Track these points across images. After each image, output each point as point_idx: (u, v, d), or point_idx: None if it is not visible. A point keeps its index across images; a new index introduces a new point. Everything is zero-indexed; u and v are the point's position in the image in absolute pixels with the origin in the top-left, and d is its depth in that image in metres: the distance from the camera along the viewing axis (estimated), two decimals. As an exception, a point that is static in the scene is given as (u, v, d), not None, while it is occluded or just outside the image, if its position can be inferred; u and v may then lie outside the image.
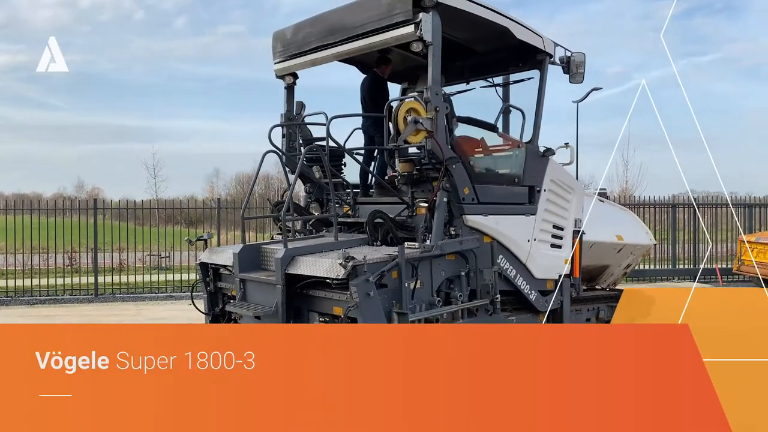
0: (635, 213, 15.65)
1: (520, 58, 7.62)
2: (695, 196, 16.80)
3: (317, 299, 5.62)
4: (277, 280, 5.49)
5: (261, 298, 5.79)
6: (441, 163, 5.94)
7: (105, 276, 13.19)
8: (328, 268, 5.30)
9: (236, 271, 5.95)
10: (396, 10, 5.97)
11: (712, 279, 14.53)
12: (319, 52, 6.82)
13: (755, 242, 13.15)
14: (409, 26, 5.83)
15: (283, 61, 7.27)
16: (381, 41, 6.27)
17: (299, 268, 5.50)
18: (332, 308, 5.47)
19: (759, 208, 15.33)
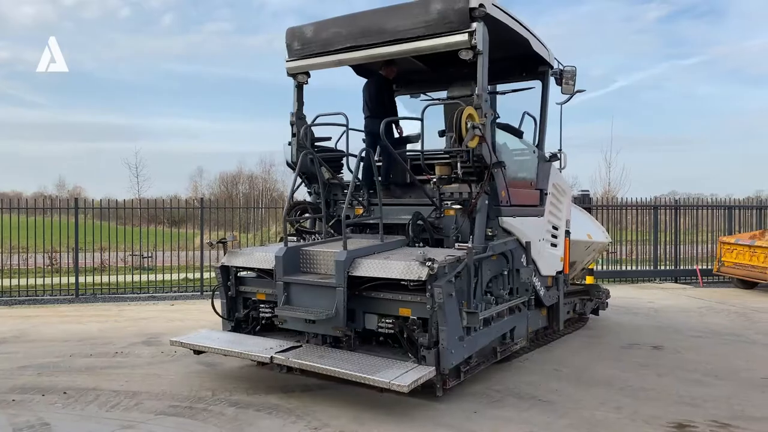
0: (618, 214, 15.86)
1: (525, 68, 8.03)
2: (677, 198, 16.95)
3: (377, 301, 5.66)
4: (338, 283, 5.49)
5: (310, 302, 5.78)
6: (487, 168, 6.13)
7: (86, 276, 13.04)
8: (404, 270, 5.32)
9: (279, 275, 5.91)
10: (449, 18, 6.14)
11: (692, 280, 14.71)
12: (351, 52, 6.82)
13: (734, 243, 13.31)
14: (462, 34, 6.01)
15: (301, 59, 7.20)
16: (428, 47, 6.39)
17: (365, 270, 5.51)
18: (397, 310, 5.54)
19: (738, 210, 15.52)
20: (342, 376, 5.12)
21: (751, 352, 7.58)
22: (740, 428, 4.89)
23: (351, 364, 5.23)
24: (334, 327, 5.62)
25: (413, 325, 5.44)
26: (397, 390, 4.80)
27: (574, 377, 6.32)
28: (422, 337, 5.37)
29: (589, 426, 4.92)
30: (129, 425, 4.91)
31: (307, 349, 5.76)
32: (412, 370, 5.12)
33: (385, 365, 5.22)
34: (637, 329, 8.94)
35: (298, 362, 5.41)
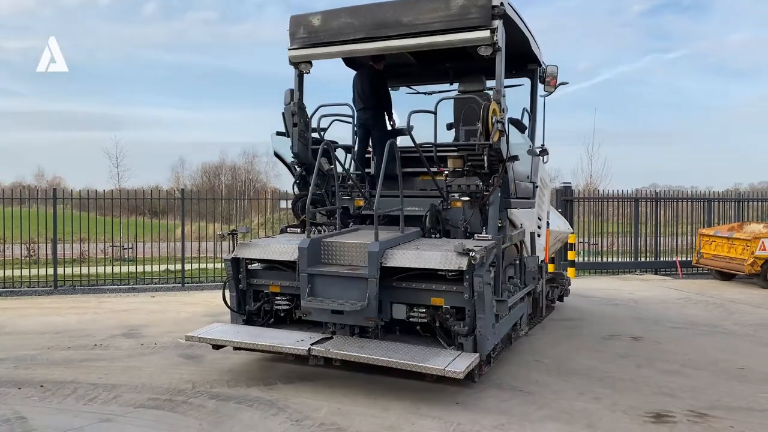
0: (600, 206, 15.98)
1: (516, 66, 8.14)
2: (658, 190, 17.11)
3: (406, 291, 5.74)
4: (371, 273, 5.52)
5: (337, 293, 5.76)
6: (502, 161, 6.27)
7: (65, 267, 12.87)
8: (441, 260, 5.42)
9: (303, 266, 5.86)
10: (471, 14, 6.22)
11: (672, 271, 14.88)
12: (364, 44, 6.76)
13: (713, 236, 13.48)
14: (484, 31, 6.15)
15: (306, 48, 7.08)
16: (446, 41, 6.47)
17: (399, 261, 5.57)
18: (429, 299, 5.64)
19: (718, 203, 15.72)
20: (391, 365, 5.19)
21: (729, 342, 7.68)
22: (717, 418, 4.96)
23: (396, 353, 5.31)
24: (366, 317, 5.65)
25: (446, 314, 5.57)
26: (453, 376, 4.95)
27: (555, 368, 6.36)
28: (457, 326, 5.52)
29: (567, 416, 4.96)
30: (107, 419, 4.86)
31: (342, 340, 5.76)
32: (459, 357, 5.25)
33: (430, 353, 5.32)
34: (618, 320, 9.02)
35: (342, 353, 5.39)
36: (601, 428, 4.72)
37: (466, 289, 5.40)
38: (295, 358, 5.96)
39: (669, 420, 4.91)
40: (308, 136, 7.30)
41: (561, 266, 13.85)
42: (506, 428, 4.69)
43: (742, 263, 12.38)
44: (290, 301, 6.33)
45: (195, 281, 12.86)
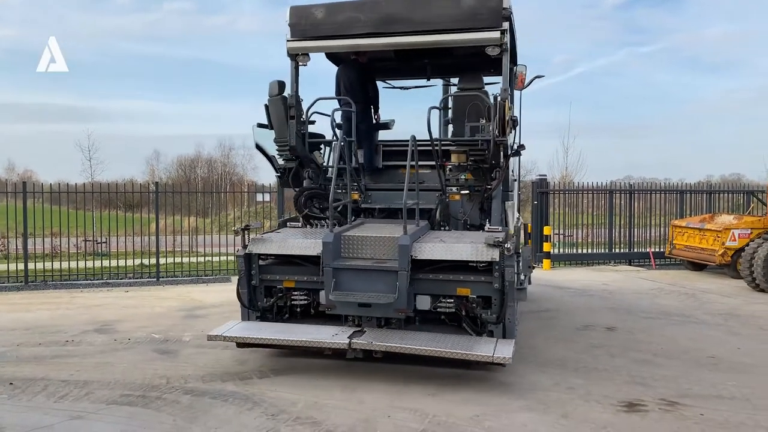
0: (575, 198, 16.13)
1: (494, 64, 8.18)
2: (632, 182, 17.33)
3: (431, 282, 5.83)
4: (402, 266, 5.59)
5: (363, 286, 5.74)
6: (506, 156, 6.52)
7: (36, 263, 12.62)
8: (473, 252, 5.60)
9: (328, 261, 5.78)
10: (482, 14, 6.43)
11: (645, 262, 15.10)
12: (371, 39, 6.82)
13: (685, 227, 13.70)
14: (494, 32, 6.40)
15: (307, 40, 7.02)
16: (455, 40, 6.66)
17: (429, 254, 5.68)
18: (455, 290, 5.77)
19: (690, 194, 15.96)
20: (440, 355, 5.31)
21: (699, 332, 7.82)
22: (687, 406, 5.05)
23: (437, 343, 5.43)
24: (396, 309, 5.68)
25: (472, 303, 5.73)
26: (502, 362, 5.17)
27: (531, 359, 6.41)
28: (485, 314, 5.70)
29: (542, 407, 5.00)
30: (78, 416, 4.78)
31: (377, 333, 5.76)
32: (499, 344, 5.45)
33: (471, 342, 5.54)
34: (592, 311, 9.13)
35: (385, 345, 5.41)
36: (575, 418, 4.78)
37: (496, 279, 5.57)
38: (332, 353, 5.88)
39: (641, 409, 4.98)
40: (305, 130, 7.28)
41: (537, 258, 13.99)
42: (482, 419, 4.72)
43: (713, 254, 12.59)
44: (307, 296, 6.25)
45: (170, 276, 12.71)
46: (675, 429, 4.58)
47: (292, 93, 7.20)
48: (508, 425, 4.62)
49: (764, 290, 10.85)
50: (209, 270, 13.09)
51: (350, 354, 5.64)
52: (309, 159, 7.35)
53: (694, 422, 4.70)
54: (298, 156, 7.27)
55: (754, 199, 15.64)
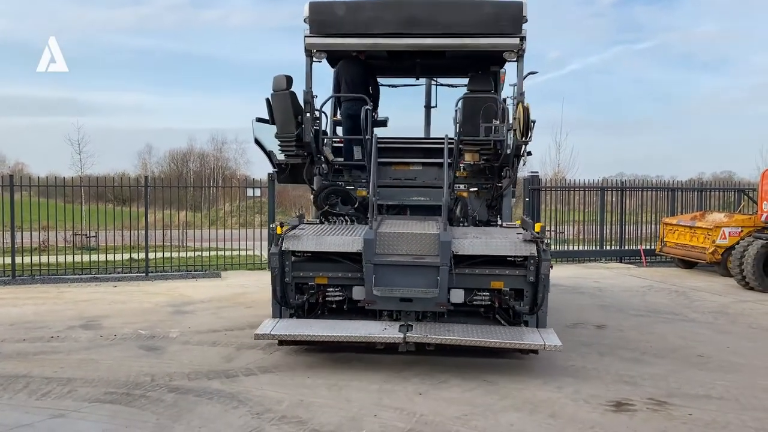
0: (567, 195, 16.11)
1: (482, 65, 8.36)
2: (624, 179, 17.34)
3: (467, 276, 6.00)
4: (443, 262, 5.77)
5: (404, 281, 5.86)
6: (518, 156, 6.86)
7: (23, 256, 12.49)
8: (511, 247, 5.93)
9: (369, 257, 5.85)
10: (503, 21, 6.70)
11: (636, 260, 15.11)
12: (393, 39, 6.94)
13: (676, 225, 13.70)
14: (514, 38, 6.70)
15: (327, 37, 7.01)
16: (476, 45, 6.91)
17: (469, 249, 5.90)
18: (488, 283, 6.02)
19: (681, 192, 15.98)
20: (495, 345, 5.66)
21: (689, 330, 7.82)
22: (676, 405, 5.03)
23: (486, 334, 5.73)
24: (437, 303, 5.83)
25: (506, 295, 5.99)
26: (553, 350, 5.55)
27: (517, 357, 6.36)
28: (518, 305, 5.97)
29: (530, 406, 4.97)
30: (60, 414, 4.71)
31: (424, 326, 5.87)
32: (542, 333, 5.78)
33: (517, 332, 5.87)
34: (582, 309, 9.11)
35: (440, 338, 5.59)
36: (563, 417, 4.75)
37: (531, 273, 5.85)
38: (384, 347, 5.96)
39: (629, 408, 4.96)
40: (319, 126, 7.30)
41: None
42: (469, 419, 4.68)
43: (704, 252, 12.60)
44: (341, 292, 6.25)
45: (159, 270, 12.61)
46: (663, 429, 4.56)
47: (307, 89, 7.18)
48: (495, 425, 4.58)
49: (754, 288, 10.87)
50: (198, 265, 13.01)
51: (403, 347, 5.74)
52: (321, 155, 7.40)
53: (681, 422, 4.68)
54: (309, 152, 7.25)
55: (744, 197, 15.68)
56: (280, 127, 7.13)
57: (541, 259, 5.80)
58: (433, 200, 7.23)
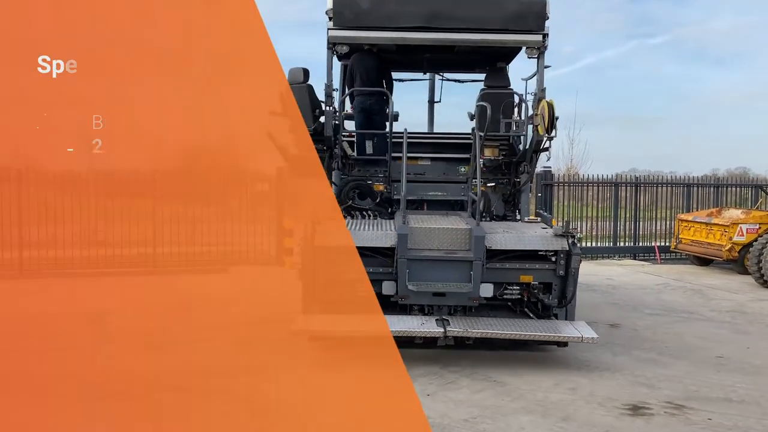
0: (580, 190, 15.85)
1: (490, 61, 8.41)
2: (637, 174, 17.06)
3: (497, 271, 6.09)
4: (477, 256, 5.84)
5: (435, 275, 5.93)
6: (537, 151, 7.04)
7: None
8: (543, 242, 6.07)
9: (403, 252, 5.87)
10: (526, 18, 6.73)
11: (650, 257, 14.84)
12: (417, 33, 6.91)
13: (692, 221, 13.42)
14: (537, 35, 6.78)
15: (350, 30, 6.95)
16: (498, 41, 6.98)
17: (502, 244, 6.00)
18: (518, 277, 6.12)
19: (697, 188, 15.69)
20: (534, 338, 5.73)
21: (706, 330, 7.60)
22: (694, 409, 4.82)
23: (525, 327, 5.80)
24: (470, 297, 5.94)
25: (534, 289, 6.09)
26: (590, 342, 5.73)
27: (531, 357, 6.20)
28: (546, 299, 6.08)
29: (542, 409, 4.79)
30: (57, 413, 4.58)
31: (461, 320, 5.94)
32: (576, 325, 5.95)
33: (552, 325, 6.00)
34: (595, 307, 8.89)
35: (480, 332, 5.71)
36: (577, 421, 4.56)
37: (561, 267, 6.00)
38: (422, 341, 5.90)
39: (646, 412, 4.76)
40: (339, 120, 7.27)
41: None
42: (478, 422, 4.51)
43: (720, 249, 12.33)
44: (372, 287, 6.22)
45: (167, 265, 12.48)
46: (681, 435, 4.37)
47: (329, 82, 7.11)
48: (505, 428, 4.41)
49: (772, 287, 10.61)
50: (208, 260, 12.88)
51: (442, 342, 5.77)
52: (341, 149, 7.36)
53: (701, 427, 4.49)
54: (329, 146, 7.19)
55: (762, 193, 15.35)
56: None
57: (572, 253, 5.91)
58: (450, 195, 7.43)
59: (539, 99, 6.88)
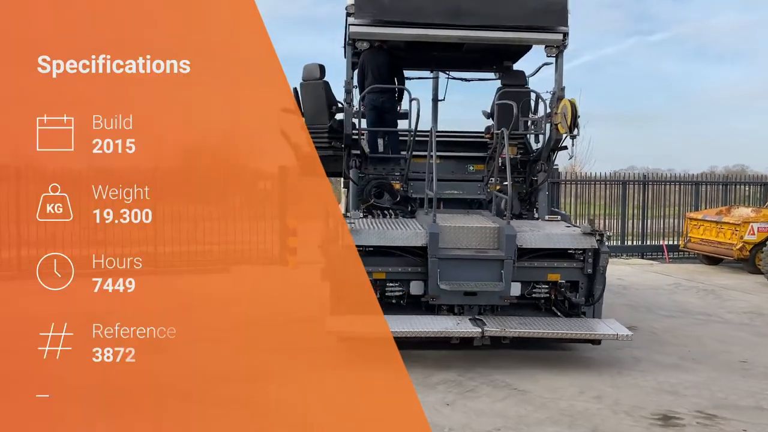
0: (587, 189, 15.64)
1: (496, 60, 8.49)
2: (635, 172, 16.88)
3: (525, 269, 6.05)
4: (508, 255, 5.81)
5: (465, 275, 5.87)
6: (554, 150, 7.14)
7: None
8: (572, 241, 6.08)
9: (434, 251, 5.82)
10: (547, 16, 6.76)
11: (657, 255, 14.64)
12: (439, 30, 6.83)
13: (701, 220, 13.22)
14: (557, 34, 6.80)
15: (373, 26, 6.83)
16: (519, 39, 7.00)
17: (533, 243, 5.99)
18: (545, 276, 6.11)
19: (705, 186, 15.49)
20: (569, 337, 5.83)
21: (726, 332, 7.39)
22: (726, 419, 4.61)
23: (559, 326, 5.84)
24: (501, 297, 5.92)
25: (561, 287, 6.10)
26: (625, 340, 5.76)
27: (549, 362, 5.98)
28: (573, 297, 6.07)
29: (568, 419, 4.57)
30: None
31: (495, 320, 5.88)
32: (607, 323, 5.98)
33: (585, 322, 6.03)
34: (609, 308, 8.49)
35: (517, 331, 5.67)
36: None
37: (589, 265, 5.99)
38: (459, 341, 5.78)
39: (677, 422, 4.55)
40: (359, 117, 7.19)
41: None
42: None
43: (731, 248, 12.13)
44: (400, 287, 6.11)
45: (168, 264, 12.26)
46: (716, 447, 4.16)
47: (348, 79, 7.02)
48: (532, 441, 4.20)
49: (786, 287, 10.42)
50: (208, 259, 12.65)
51: (478, 342, 5.68)
52: (358, 147, 7.25)
53: (736, 439, 4.28)
54: (348, 144, 7.04)
55: (772, 191, 15.17)
56: (311, 118, 6.97)
57: (600, 251, 5.92)
58: (467, 194, 7.43)
59: (558, 98, 6.88)
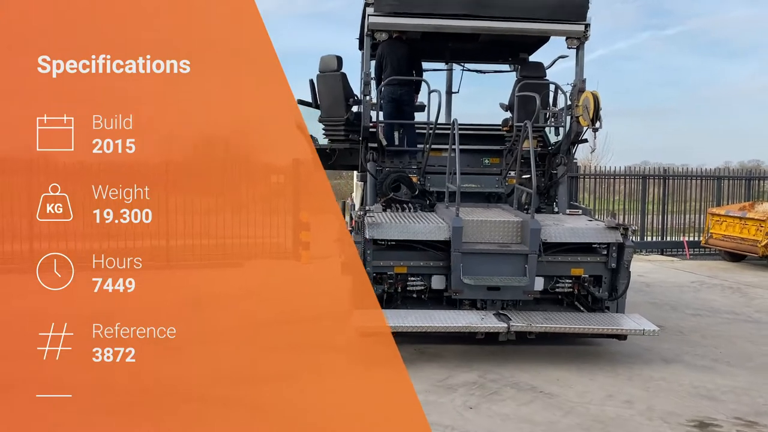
0: (606, 183, 15.32)
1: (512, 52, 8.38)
2: (666, 167, 16.49)
3: (548, 264, 5.93)
4: (532, 249, 5.73)
5: (489, 269, 5.79)
6: (575, 143, 7.09)
7: (41, 243, 12.05)
8: (597, 235, 6.00)
9: (457, 245, 5.73)
10: (569, 8, 6.68)
11: (678, 251, 14.30)
12: (459, 21, 6.72)
13: (724, 215, 12.86)
14: (579, 25, 6.72)
15: (393, 17, 6.70)
16: (540, 30, 6.94)
17: (556, 237, 5.88)
18: (569, 270, 6.00)
19: (728, 181, 15.10)
20: (594, 332, 5.73)
21: (757, 333, 7.10)
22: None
23: (584, 321, 5.76)
24: (525, 291, 5.82)
25: (585, 282, 6.02)
26: (651, 335, 5.69)
27: (575, 363, 5.72)
28: (597, 292, 5.98)
29: (600, 425, 4.32)
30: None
31: (520, 315, 5.78)
32: (632, 318, 5.90)
33: (611, 317, 5.93)
34: (633, 306, 8.19)
35: (542, 327, 5.57)
36: (640, 440, 4.10)
37: (613, 259, 5.89)
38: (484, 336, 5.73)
39: (715, 430, 4.29)
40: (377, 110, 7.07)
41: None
42: (531, 441, 4.06)
43: (756, 244, 11.77)
44: (422, 281, 6.04)
45: (180, 259, 12.11)
46: (761, 458, 3.89)
47: (367, 71, 6.93)
48: (564, 449, 3.96)
49: (815, 285, 10.07)
50: (222, 253, 12.49)
51: (503, 337, 5.61)
52: (375, 140, 7.09)
53: (781, 449, 4.01)
54: (365, 137, 6.93)
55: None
56: (327, 110, 6.89)
57: (625, 245, 5.82)
58: (485, 187, 7.26)
59: (580, 90, 6.81)
